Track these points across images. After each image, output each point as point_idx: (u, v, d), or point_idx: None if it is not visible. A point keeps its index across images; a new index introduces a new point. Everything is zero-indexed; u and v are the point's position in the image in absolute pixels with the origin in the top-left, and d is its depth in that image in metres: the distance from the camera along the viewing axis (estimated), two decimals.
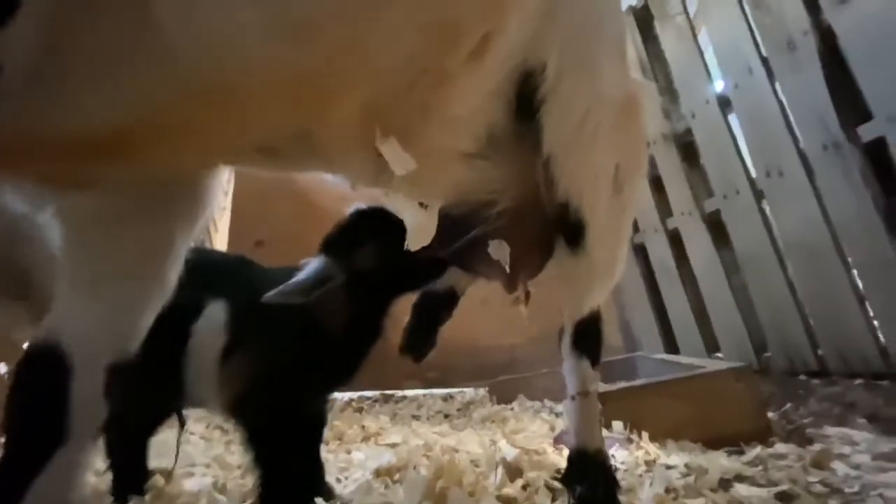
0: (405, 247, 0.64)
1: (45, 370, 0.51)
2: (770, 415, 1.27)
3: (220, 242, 2.61)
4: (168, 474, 0.96)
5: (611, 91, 0.67)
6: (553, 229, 0.69)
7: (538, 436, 1.35)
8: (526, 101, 0.63)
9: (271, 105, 0.49)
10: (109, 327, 0.55)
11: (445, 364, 2.68)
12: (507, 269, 0.70)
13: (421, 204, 0.62)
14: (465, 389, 2.47)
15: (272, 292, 0.73)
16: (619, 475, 0.83)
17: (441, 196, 0.64)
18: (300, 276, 0.77)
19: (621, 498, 0.74)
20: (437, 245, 0.65)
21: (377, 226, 0.79)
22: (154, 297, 0.58)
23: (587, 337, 0.72)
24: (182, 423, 0.98)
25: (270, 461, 0.74)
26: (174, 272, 0.60)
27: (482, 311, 2.76)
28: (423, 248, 0.66)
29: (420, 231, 0.62)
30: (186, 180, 0.60)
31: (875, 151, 1.41)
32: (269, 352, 0.78)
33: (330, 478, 0.99)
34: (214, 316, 0.80)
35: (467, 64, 0.55)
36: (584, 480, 0.66)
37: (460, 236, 0.70)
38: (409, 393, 2.45)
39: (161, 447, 0.99)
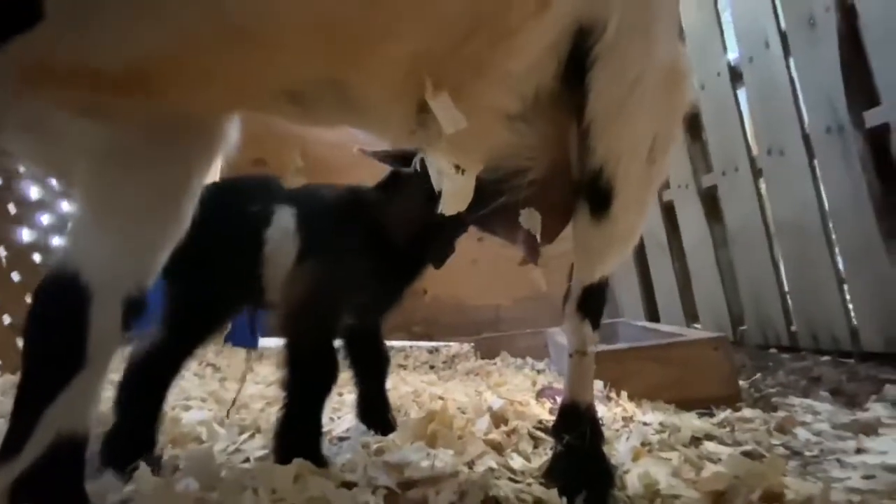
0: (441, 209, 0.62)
1: (65, 297, 0.51)
2: (740, 383, 1.35)
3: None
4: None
5: (662, 57, 0.64)
6: (578, 195, 0.68)
7: (521, 389, 1.41)
8: (576, 60, 0.60)
9: (304, 52, 0.47)
10: (127, 261, 0.55)
11: (431, 319, 2.74)
12: (539, 238, 0.70)
13: (457, 167, 0.59)
14: (450, 343, 2.54)
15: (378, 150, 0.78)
16: None
17: (478, 159, 0.61)
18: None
19: None
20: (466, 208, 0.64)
21: None
22: (169, 233, 0.58)
23: (593, 301, 0.73)
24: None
25: (303, 386, 0.76)
26: (189, 210, 0.59)
27: (471, 270, 2.81)
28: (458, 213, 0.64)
29: (457, 195, 0.59)
30: (203, 120, 0.59)
31: (877, 137, 1.42)
32: (333, 258, 0.80)
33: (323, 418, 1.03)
34: (284, 222, 0.83)
35: (531, 15, 0.52)
36: (572, 431, 0.69)
37: (487, 202, 0.69)
38: (396, 344, 2.51)
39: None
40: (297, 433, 0.75)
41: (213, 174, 0.75)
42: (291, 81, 0.51)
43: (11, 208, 1.62)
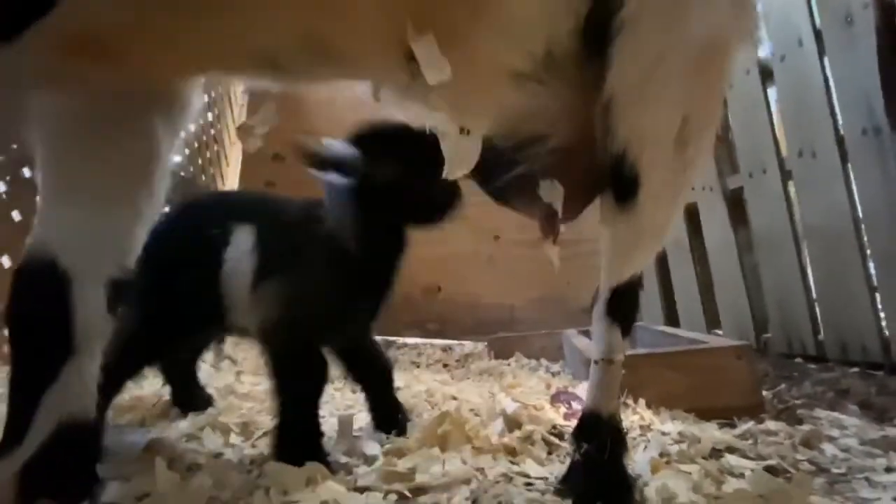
0: (442, 174, 0.55)
1: (44, 286, 0.49)
2: (764, 393, 1.30)
3: (232, 179, 2.59)
4: None
5: (696, 32, 0.57)
6: (603, 181, 0.62)
7: (535, 392, 1.39)
8: (599, 26, 0.54)
9: (273, 5, 0.44)
10: (103, 241, 0.53)
11: (446, 317, 2.73)
12: (559, 212, 0.64)
13: (462, 129, 0.53)
14: (464, 342, 2.53)
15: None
16: None
17: (485, 120, 0.56)
18: (328, 147, 0.76)
19: None
20: (479, 177, 0.60)
21: (403, 145, 0.75)
22: (144, 209, 0.56)
23: (623, 304, 0.67)
24: None
25: (293, 392, 0.76)
26: (162, 184, 0.57)
27: (486, 268, 2.79)
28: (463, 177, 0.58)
29: (459, 158, 0.53)
30: (167, 92, 0.56)
31: None
32: (298, 275, 0.78)
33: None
34: (242, 241, 0.81)
35: None
36: (592, 440, 0.66)
37: (504, 171, 0.64)
38: (410, 341, 2.51)
39: None
40: (294, 438, 0.73)
41: (180, 146, 0.71)
42: (264, 39, 0.47)
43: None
